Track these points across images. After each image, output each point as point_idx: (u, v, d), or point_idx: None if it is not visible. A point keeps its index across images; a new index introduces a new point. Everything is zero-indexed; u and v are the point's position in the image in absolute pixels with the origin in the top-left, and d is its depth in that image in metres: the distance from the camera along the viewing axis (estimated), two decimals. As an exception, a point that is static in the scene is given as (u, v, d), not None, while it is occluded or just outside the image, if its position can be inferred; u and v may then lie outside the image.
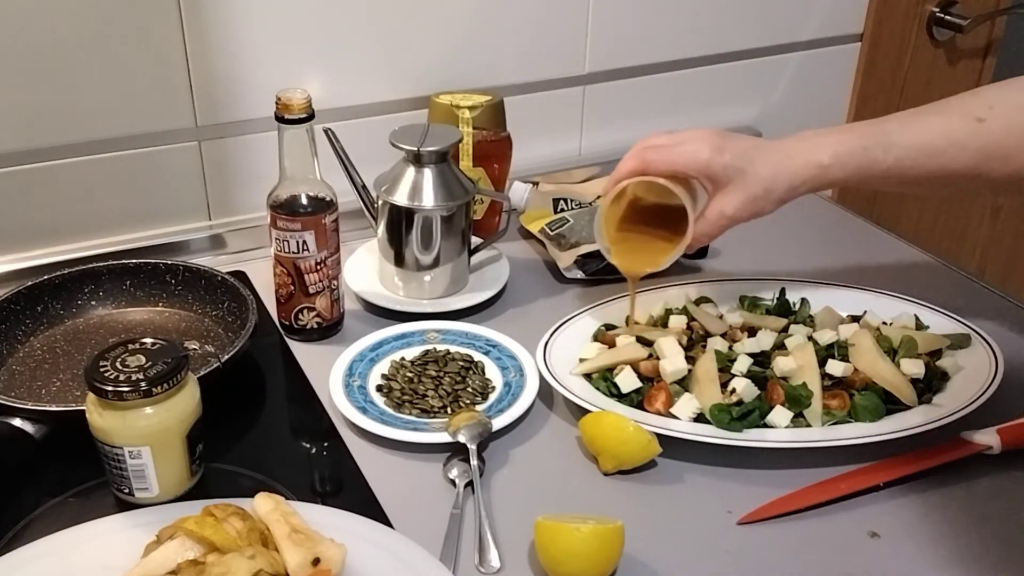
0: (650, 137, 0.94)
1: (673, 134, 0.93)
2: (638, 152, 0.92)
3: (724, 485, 0.85)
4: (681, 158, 0.90)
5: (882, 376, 0.90)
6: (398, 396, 0.93)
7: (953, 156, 0.87)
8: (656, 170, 0.91)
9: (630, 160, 0.92)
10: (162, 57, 1.08)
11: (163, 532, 0.72)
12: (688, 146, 0.90)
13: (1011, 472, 0.86)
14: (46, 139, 1.07)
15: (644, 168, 0.91)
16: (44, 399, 0.91)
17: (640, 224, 0.97)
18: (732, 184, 0.90)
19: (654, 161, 0.91)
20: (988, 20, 1.57)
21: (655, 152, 0.91)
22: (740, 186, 0.90)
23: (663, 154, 0.91)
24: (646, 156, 0.91)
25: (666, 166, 0.91)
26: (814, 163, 0.90)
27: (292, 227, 0.96)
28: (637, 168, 0.91)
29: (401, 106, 1.23)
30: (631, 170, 0.92)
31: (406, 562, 0.71)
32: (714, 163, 0.89)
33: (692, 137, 0.91)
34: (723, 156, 0.89)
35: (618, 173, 0.93)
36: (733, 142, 0.91)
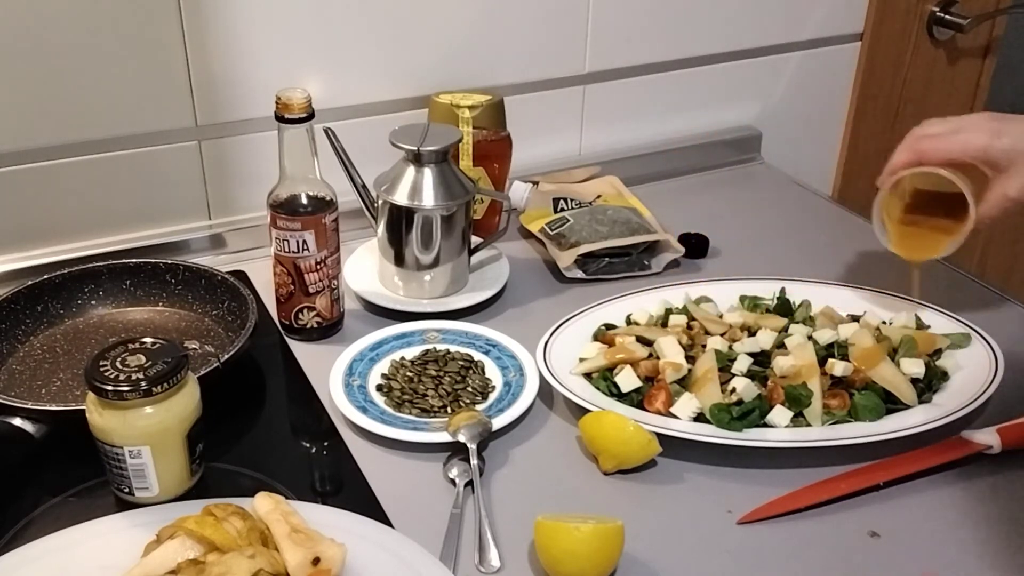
0: (924, 126, 0.94)
1: (947, 120, 0.93)
2: (913, 143, 0.93)
3: (724, 485, 0.85)
4: (958, 146, 0.90)
5: (882, 376, 0.91)
6: (398, 396, 0.93)
7: None
8: (932, 160, 0.91)
9: (905, 152, 0.93)
10: (162, 57, 1.08)
11: (163, 532, 0.72)
12: (964, 134, 0.90)
13: (1011, 472, 0.86)
14: (46, 139, 1.07)
15: (920, 159, 0.92)
16: (44, 398, 0.91)
17: (916, 211, 0.99)
18: (1013, 167, 0.90)
19: (930, 151, 0.91)
20: (988, 20, 1.57)
21: (930, 141, 0.91)
22: (1021, 168, 0.89)
23: (939, 143, 0.91)
24: (921, 146, 0.92)
25: (943, 155, 0.91)
26: None
27: (292, 227, 0.96)
28: (912, 160, 0.92)
29: (401, 106, 1.23)
30: (907, 162, 0.92)
31: (406, 562, 0.71)
32: (993, 148, 0.89)
33: (968, 124, 0.91)
34: (1001, 140, 0.89)
35: (893, 164, 0.93)
36: (1011, 124, 0.90)
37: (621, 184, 1.30)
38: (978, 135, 0.90)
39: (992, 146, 0.90)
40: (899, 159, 0.94)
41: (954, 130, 0.92)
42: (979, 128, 0.90)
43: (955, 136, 0.91)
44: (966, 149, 0.91)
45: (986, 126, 0.90)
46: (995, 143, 0.89)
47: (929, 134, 0.93)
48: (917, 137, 0.94)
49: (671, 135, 1.43)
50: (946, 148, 0.91)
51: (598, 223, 1.18)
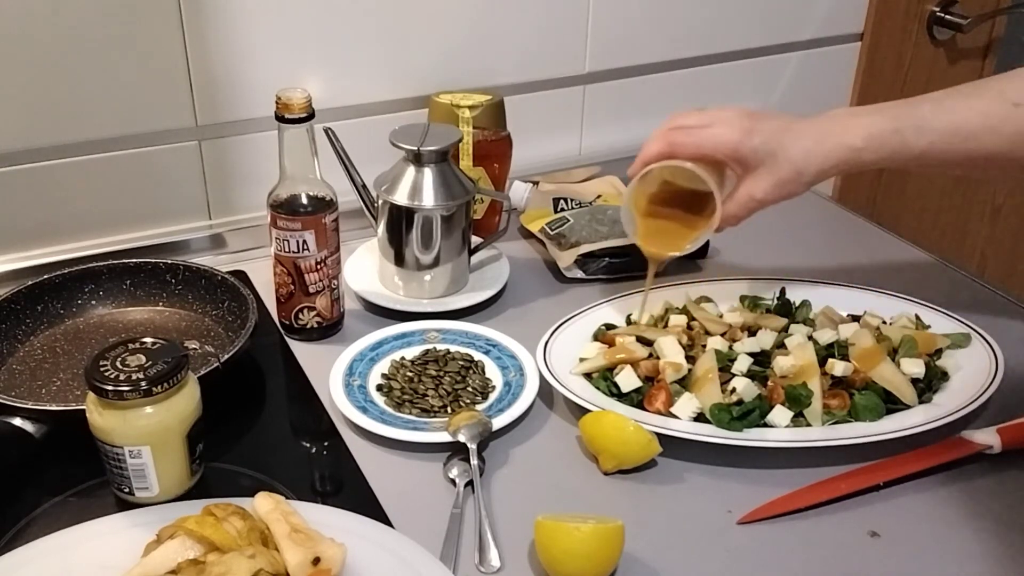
0: (678, 116, 0.92)
1: (702, 113, 0.91)
2: (665, 133, 0.91)
3: (724, 485, 0.85)
4: (709, 141, 0.89)
5: (882, 376, 0.90)
6: (398, 396, 0.93)
7: (987, 140, 0.85)
8: (683, 153, 0.90)
9: (656, 142, 0.91)
10: (162, 57, 1.08)
11: (163, 531, 0.72)
12: (717, 128, 0.89)
13: (1011, 472, 0.86)
14: (46, 139, 1.07)
15: (671, 151, 0.90)
16: (44, 398, 0.91)
17: (669, 207, 0.96)
18: (762, 167, 0.89)
19: (681, 143, 0.89)
20: (988, 19, 1.57)
21: (683, 134, 0.90)
22: (770, 169, 0.89)
23: (691, 136, 0.89)
24: (673, 138, 0.90)
25: (694, 149, 0.89)
26: (846, 146, 0.88)
27: (292, 227, 0.96)
28: (664, 151, 0.90)
29: (401, 106, 1.23)
30: (658, 152, 0.90)
31: (406, 561, 0.71)
32: (743, 146, 0.88)
33: (721, 118, 0.90)
34: (753, 139, 0.88)
35: (645, 155, 0.91)
36: (763, 123, 0.89)
37: (621, 184, 1.30)
38: (730, 131, 0.88)
39: (742, 144, 0.88)
40: (650, 149, 0.91)
41: (708, 123, 0.90)
42: (731, 124, 0.88)
43: (707, 130, 0.89)
44: (716, 145, 0.89)
45: (739, 123, 0.89)
46: (745, 141, 0.88)
47: (683, 125, 0.91)
48: (670, 128, 0.91)
49: (671, 135, 1.43)
50: (697, 142, 0.89)
51: (598, 223, 1.18)
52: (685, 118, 0.91)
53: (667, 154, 0.90)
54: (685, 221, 0.95)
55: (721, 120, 0.89)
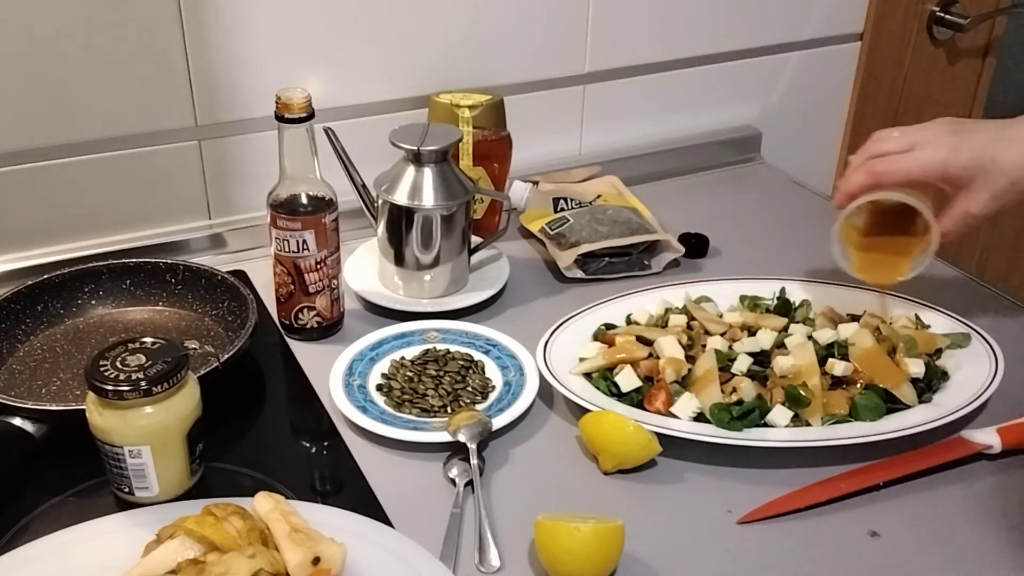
0: (877, 141, 0.90)
1: (903, 135, 0.89)
2: (868, 163, 0.89)
3: (724, 484, 0.85)
4: (916, 167, 0.87)
5: (882, 375, 0.90)
6: (398, 395, 0.93)
7: None
8: (889, 181, 0.88)
9: (861, 173, 0.89)
10: (162, 57, 1.08)
11: (163, 531, 0.72)
12: (921, 152, 0.87)
13: (1011, 472, 0.86)
14: (46, 138, 1.07)
15: (876, 182, 0.88)
16: (44, 398, 0.91)
17: (874, 230, 0.95)
18: (974, 183, 0.87)
19: (886, 173, 0.88)
20: (988, 19, 1.57)
21: (887, 163, 0.88)
22: (983, 184, 0.87)
23: (896, 164, 0.88)
24: (878, 168, 0.88)
25: (901, 176, 0.88)
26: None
27: (292, 226, 0.96)
28: (868, 183, 0.88)
29: (401, 105, 1.23)
30: (863, 185, 0.89)
31: (406, 561, 0.71)
32: (952, 167, 0.86)
33: (924, 139, 0.87)
34: (960, 157, 0.86)
35: (849, 187, 0.90)
36: (969, 138, 0.87)
37: (621, 184, 1.30)
38: (935, 152, 0.87)
39: (951, 164, 0.87)
40: (855, 181, 0.90)
41: (910, 146, 0.88)
42: (936, 144, 0.87)
43: (912, 156, 0.88)
44: (924, 169, 0.87)
45: (943, 141, 0.87)
46: (953, 161, 0.87)
47: (884, 152, 0.89)
48: (872, 156, 0.90)
49: (671, 135, 1.43)
50: (903, 169, 0.88)
51: (598, 223, 1.18)
52: (885, 143, 0.90)
53: (872, 185, 0.89)
54: (898, 244, 0.94)
55: (924, 141, 0.88)
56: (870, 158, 0.90)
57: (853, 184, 0.90)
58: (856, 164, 0.91)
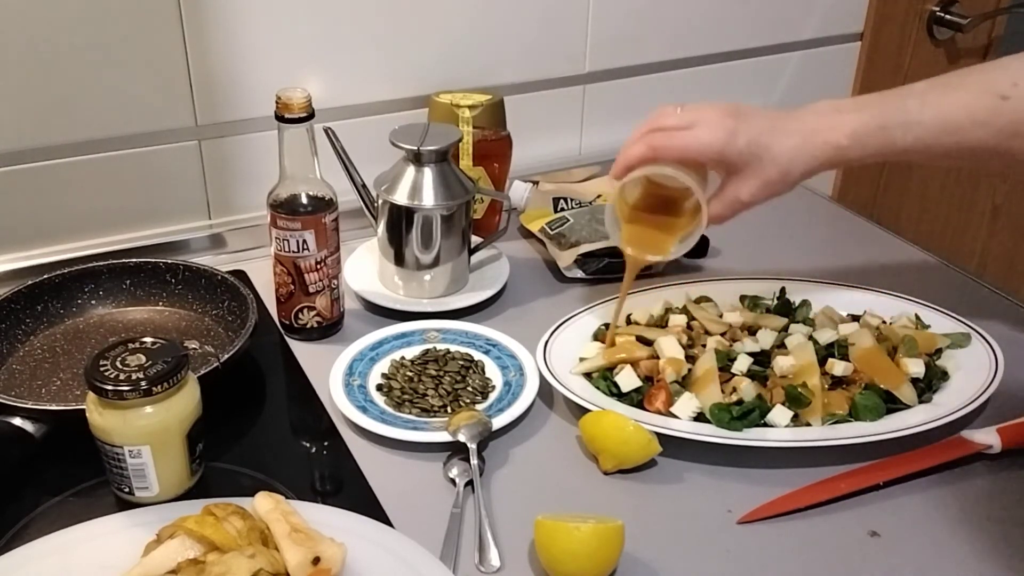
0: (658, 116, 0.90)
1: (683, 111, 0.89)
2: (647, 137, 0.89)
3: (724, 484, 0.85)
4: (693, 145, 0.87)
5: (882, 375, 0.90)
6: (398, 395, 0.93)
7: (974, 134, 0.84)
8: (666, 156, 0.88)
9: (638, 145, 0.89)
10: (162, 57, 1.08)
11: (163, 531, 0.72)
12: (700, 131, 0.87)
13: (1011, 472, 0.86)
14: (46, 138, 1.07)
15: (653, 155, 0.88)
16: (44, 398, 0.91)
17: (652, 207, 0.95)
18: (748, 169, 0.88)
19: (663, 147, 0.88)
20: (988, 19, 1.57)
21: (665, 137, 0.88)
22: (756, 171, 0.87)
23: (673, 140, 0.88)
24: (655, 142, 0.88)
25: (677, 152, 0.88)
26: (832, 144, 0.86)
27: (292, 226, 0.96)
28: (646, 155, 0.88)
29: (401, 105, 1.23)
30: (640, 156, 0.88)
31: (406, 561, 0.71)
32: (728, 150, 0.87)
33: (703, 119, 0.88)
34: (737, 142, 0.86)
35: (626, 159, 0.90)
36: (746, 123, 0.87)
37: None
38: (713, 134, 0.86)
39: (727, 147, 0.86)
40: (632, 153, 0.88)
41: (689, 123, 0.88)
42: (715, 126, 0.87)
43: (690, 133, 0.87)
44: (701, 148, 0.87)
45: (723, 123, 0.87)
46: (730, 144, 0.86)
47: (664, 127, 0.89)
48: (651, 130, 0.89)
49: (671, 135, 1.43)
50: (681, 146, 0.87)
51: (598, 223, 1.18)
52: (665, 118, 0.90)
53: (649, 158, 0.88)
54: (668, 223, 0.94)
55: (703, 121, 0.88)
56: (650, 131, 0.89)
57: (631, 156, 0.89)
58: (636, 136, 0.90)
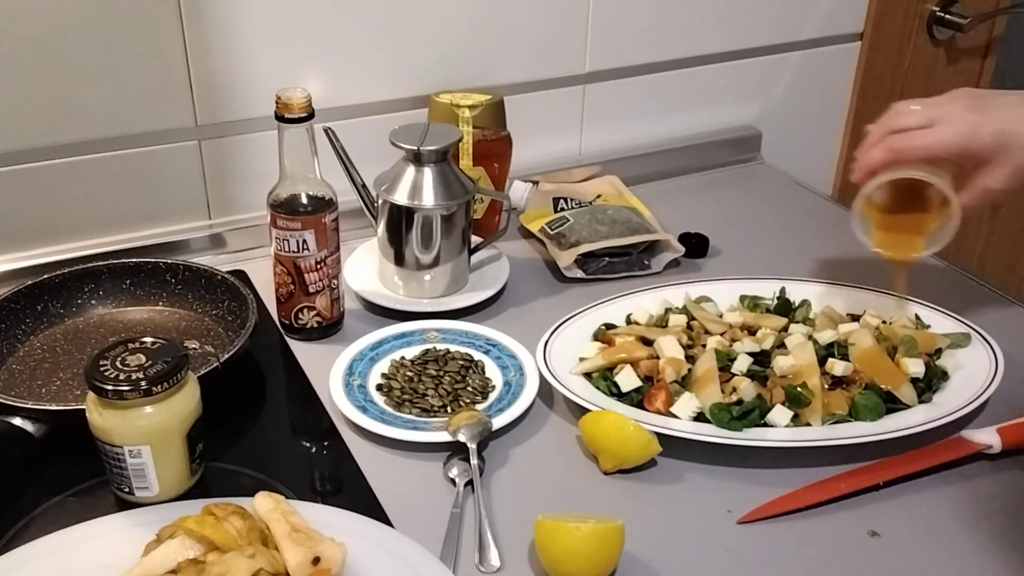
0: (895, 115, 0.89)
1: (923, 109, 0.88)
2: (888, 140, 0.88)
3: (724, 484, 0.85)
4: (936, 144, 0.86)
5: (882, 375, 0.90)
6: (398, 395, 0.93)
7: None
8: (909, 158, 0.87)
9: (879, 149, 0.88)
10: (162, 57, 1.08)
11: (163, 531, 0.72)
12: (942, 128, 0.86)
13: (1011, 472, 0.86)
14: (46, 138, 1.07)
15: (896, 158, 0.87)
16: (44, 398, 0.91)
17: (899, 205, 0.94)
18: (995, 159, 0.86)
19: (906, 150, 0.87)
20: (988, 19, 1.57)
21: (907, 139, 0.87)
22: (1004, 160, 0.86)
23: (916, 140, 0.87)
24: (897, 144, 0.87)
25: (920, 153, 0.87)
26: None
27: (292, 226, 0.96)
28: (888, 159, 0.87)
29: (401, 105, 1.23)
30: (883, 160, 0.88)
31: (406, 561, 0.71)
32: (973, 143, 0.85)
33: (945, 114, 0.86)
34: (981, 134, 0.85)
35: (868, 163, 0.89)
36: (990, 114, 0.85)
37: (621, 184, 1.30)
38: (956, 129, 0.86)
39: (971, 141, 0.86)
40: (875, 157, 0.89)
41: (929, 121, 0.87)
42: (956, 121, 0.86)
43: (932, 132, 0.87)
44: (945, 146, 0.87)
45: (963, 117, 0.86)
46: (974, 138, 0.86)
47: (903, 127, 0.88)
48: (891, 131, 0.89)
49: (671, 135, 1.43)
50: (923, 145, 0.87)
51: (598, 223, 1.18)
52: (905, 117, 0.88)
53: (892, 161, 0.88)
54: (918, 220, 0.93)
55: (944, 118, 0.86)
56: (889, 133, 0.89)
57: (873, 160, 0.89)
58: (875, 138, 0.90)
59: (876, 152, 0.89)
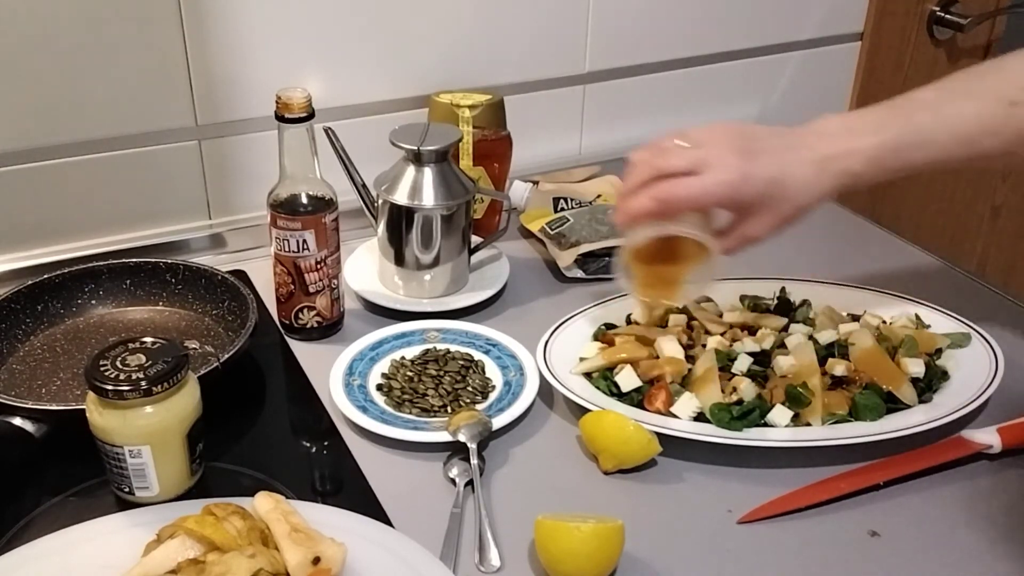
0: (660, 154, 0.85)
1: (687, 151, 0.84)
2: (654, 190, 0.83)
3: (724, 484, 0.85)
4: (702, 195, 0.83)
5: (882, 375, 0.90)
6: (398, 395, 0.93)
7: (986, 144, 0.83)
8: (675, 210, 0.84)
9: (643, 199, 0.83)
10: (162, 56, 1.08)
11: (163, 531, 0.72)
12: (708, 177, 0.82)
13: (1011, 472, 0.86)
14: (46, 138, 1.07)
15: (662, 209, 0.83)
16: (44, 398, 0.91)
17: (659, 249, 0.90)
18: (762, 208, 0.84)
19: (672, 200, 0.83)
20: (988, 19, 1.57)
21: (672, 188, 0.83)
22: (769, 209, 0.84)
23: (680, 190, 0.83)
24: (662, 196, 0.83)
25: (686, 204, 0.84)
26: (848, 172, 0.84)
27: (292, 226, 0.96)
28: (655, 211, 0.84)
29: (401, 105, 1.23)
30: (648, 211, 0.84)
31: (406, 561, 0.71)
32: (740, 195, 0.83)
33: (711, 161, 0.83)
34: (749, 185, 0.83)
35: (633, 211, 0.84)
36: (757, 162, 0.83)
37: (621, 184, 1.29)
38: (725, 177, 0.82)
39: (739, 192, 0.83)
40: (640, 207, 0.84)
41: (695, 166, 0.82)
42: (724, 168, 0.82)
43: (699, 182, 0.82)
44: (712, 196, 0.83)
45: (732, 164, 0.82)
46: (742, 189, 0.82)
47: (669, 170, 0.83)
48: (655, 175, 0.83)
49: (671, 135, 1.43)
50: (688, 196, 0.83)
51: (598, 222, 1.18)
52: (669, 159, 0.84)
53: (657, 213, 0.84)
54: (677, 267, 0.91)
55: (711, 164, 0.82)
56: (654, 179, 0.84)
57: (637, 210, 0.84)
58: (639, 179, 0.85)
59: (640, 201, 0.84)
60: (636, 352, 0.94)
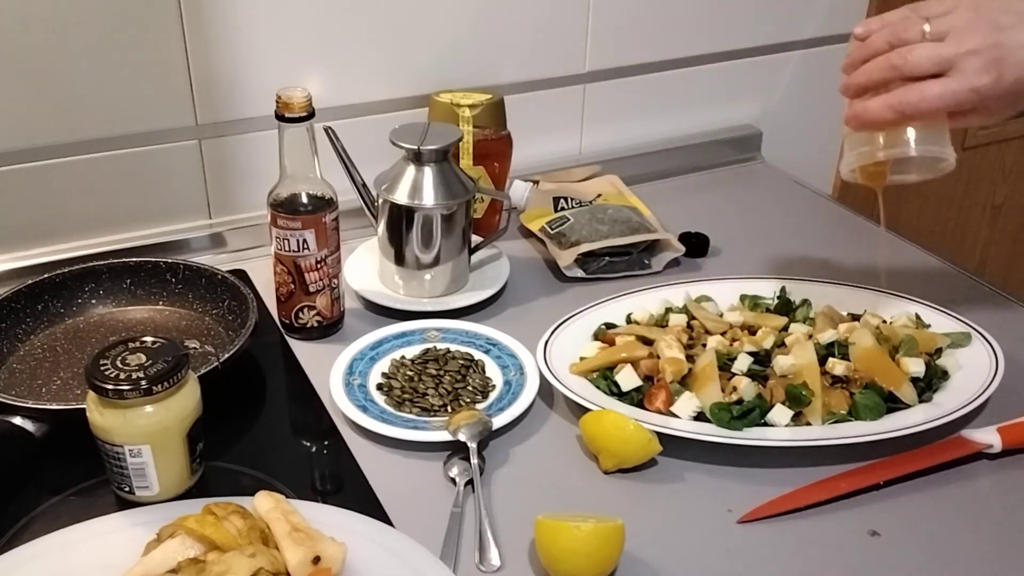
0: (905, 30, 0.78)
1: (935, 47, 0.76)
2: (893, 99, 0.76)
3: (724, 484, 0.85)
4: (949, 103, 0.76)
5: (882, 375, 0.90)
6: (398, 395, 0.93)
7: None
8: (921, 117, 0.77)
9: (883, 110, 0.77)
10: (162, 56, 1.08)
11: (163, 530, 0.72)
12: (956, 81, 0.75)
13: (1011, 472, 0.86)
14: (46, 138, 1.07)
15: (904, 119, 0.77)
16: (44, 397, 0.91)
17: None
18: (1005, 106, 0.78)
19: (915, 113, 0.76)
20: (989, 19, 1.57)
21: (914, 94, 0.76)
22: (1013, 106, 0.78)
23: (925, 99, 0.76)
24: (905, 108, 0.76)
25: (930, 115, 0.77)
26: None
27: (292, 226, 0.96)
28: (891, 119, 0.77)
29: (401, 105, 1.23)
30: (885, 122, 0.77)
31: (406, 561, 0.71)
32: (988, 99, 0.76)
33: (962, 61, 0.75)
34: (999, 87, 0.76)
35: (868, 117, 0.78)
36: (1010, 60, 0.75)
37: (621, 183, 1.30)
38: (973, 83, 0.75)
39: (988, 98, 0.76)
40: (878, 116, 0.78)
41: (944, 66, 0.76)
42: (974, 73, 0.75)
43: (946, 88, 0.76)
44: (960, 105, 0.77)
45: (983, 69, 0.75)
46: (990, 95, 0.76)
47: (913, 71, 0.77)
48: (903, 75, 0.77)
49: (671, 135, 1.43)
50: (933, 108, 0.77)
51: (598, 222, 1.18)
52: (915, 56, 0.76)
53: (895, 122, 0.77)
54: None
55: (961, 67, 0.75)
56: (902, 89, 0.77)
57: (874, 118, 0.78)
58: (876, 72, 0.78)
59: (880, 111, 0.78)
60: (636, 352, 0.94)
